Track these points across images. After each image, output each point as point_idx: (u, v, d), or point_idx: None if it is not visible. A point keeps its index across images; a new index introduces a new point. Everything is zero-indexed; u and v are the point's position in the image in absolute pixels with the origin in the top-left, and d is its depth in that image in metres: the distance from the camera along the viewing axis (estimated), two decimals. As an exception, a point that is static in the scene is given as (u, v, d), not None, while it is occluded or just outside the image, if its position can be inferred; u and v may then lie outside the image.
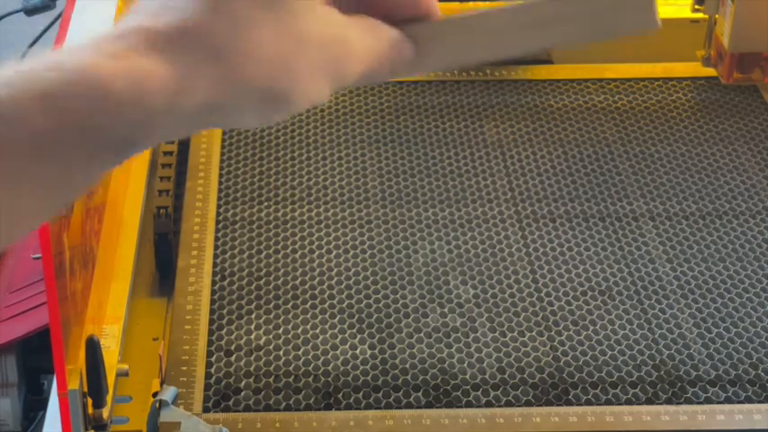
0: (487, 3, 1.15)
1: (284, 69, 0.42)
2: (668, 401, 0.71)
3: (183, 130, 0.43)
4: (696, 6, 1.05)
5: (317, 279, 0.81)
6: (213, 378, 0.72)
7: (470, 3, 1.15)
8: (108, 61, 0.39)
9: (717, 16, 1.03)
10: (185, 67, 0.40)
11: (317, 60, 0.43)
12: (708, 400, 0.71)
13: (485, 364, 0.73)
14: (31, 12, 1.18)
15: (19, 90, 0.38)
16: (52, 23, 1.22)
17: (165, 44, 0.40)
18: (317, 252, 0.83)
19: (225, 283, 0.80)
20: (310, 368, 0.73)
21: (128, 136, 0.41)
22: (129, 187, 0.88)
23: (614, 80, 1.05)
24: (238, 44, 0.41)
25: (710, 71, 1.05)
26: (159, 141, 0.43)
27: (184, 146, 0.94)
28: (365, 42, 0.45)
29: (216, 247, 0.83)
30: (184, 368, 0.73)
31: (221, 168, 0.92)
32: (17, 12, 1.22)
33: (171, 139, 0.42)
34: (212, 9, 0.41)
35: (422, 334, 0.75)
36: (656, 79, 1.05)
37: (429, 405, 0.70)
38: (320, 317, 0.77)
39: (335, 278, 0.81)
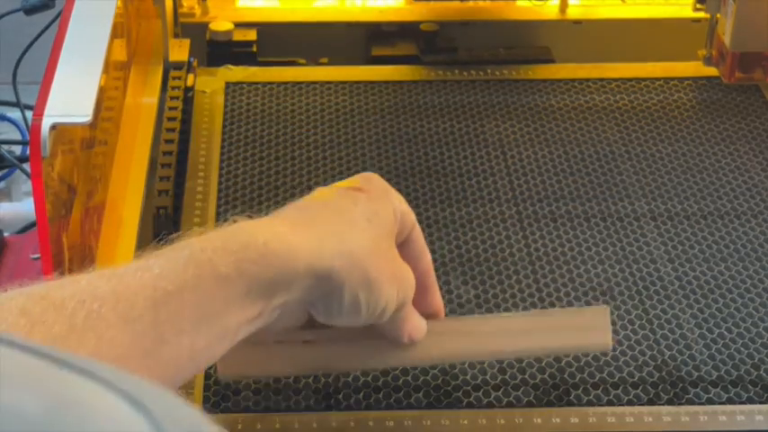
0: (487, 1, 1.15)
1: (377, 264, 0.59)
2: (670, 402, 0.70)
3: (308, 295, 0.58)
4: (697, 6, 1.05)
5: (318, 279, 0.80)
6: (213, 378, 0.72)
7: (470, 2, 1.15)
8: (266, 229, 0.57)
9: (718, 15, 1.03)
10: (318, 239, 0.57)
11: (392, 271, 0.60)
12: (710, 401, 0.70)
13: (486, 365, 0.73)
14: (30, 11, 1.18)
15: (209, 244, 0.55)
16: (51, 23, 1.22)
17: (304, 227, 0.58)
18: (318, 252, 0.83)
19: (225, 283, 0.80)
20: (310, 369, 0.73)
21: (274, 286, 0.56)
22: (128, 187, 0.87)
23: (615, 80, 1.05)
24: (351, 232, 0.59)
25: (712, 71, 1.05)
26: (291, 302, 0.57)
27: (184, 146, 0.94)
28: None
29: (216, 248, 0.83)
30: (184, 369, 0.72)
31: (221, 169, 0.92)
32: (16, 11, 1.22)
33: (297, 302, 0.59)
34: (334, 213, 0.60)
35: (422, 334, 0.75)
36: (658, 79, 1.05)
37: (430, 406, 0.70)
38: (320, 317, 0.77)
39: (336, 278, 0.80)
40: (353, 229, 0.60)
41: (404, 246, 0.65)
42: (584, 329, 0.68)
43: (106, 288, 0.51)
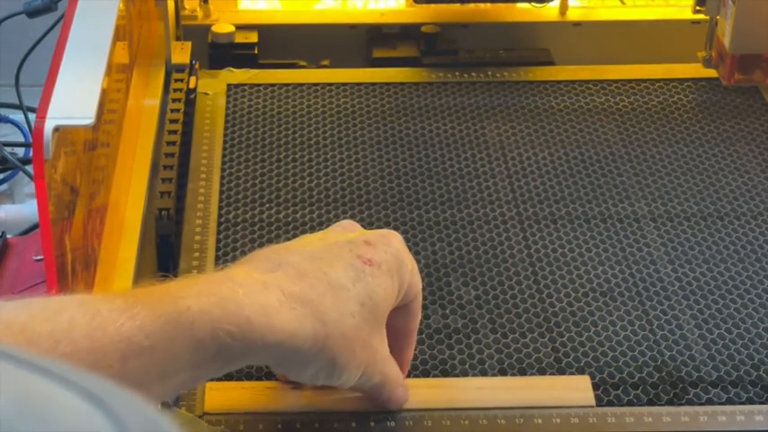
0: (488, 4, 1.16)
1: (350, 351, 0.60)
2: (670, 402, 0.71)
3: (272, 362, 0.62)
4: (697, 8, 1.05)
5: (319, 280, 0.80)
6: (215, 379, 0.72)
7: (471, 4, 1.15)
8: (256, 299, 0.58)
9: (718, 17, 1.04)
10: (301, 319, 0.59)
11: (362, 358, 0.62)
12: (709, 402, 0.71)
13: (486, 366, 0.73)
14: (32, 14, 1.18)
15: (196, 304, 0.56)
16: (54, 25, 1.22)
17: (294, 302, 0.59)
18: (319, 253, 0.83)
19: (226, 284, 0.80)
20: (312, 370, 0.73)
21: (244, 355, 0.57)
22: (130, 189, 0.88)
23: (615, 81, 1.05)
24: (337, 316, 0.60)
25: (712, 72, 1.05)
26: (242, 365, 0.62)
27: (186, 148, 0.94)
28: (388, 371, 0.65)
29: (218, 249, 0.83)
30: (186, 370, 0.72)
31: (223, 170, 0.92)
32: (19, 14, 1.22)
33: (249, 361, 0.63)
34: (329, 290, 0.61)
35: (423, 335, 0.75)
36: (657, 80, 1.05)
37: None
38: (322, 318, 0.77)
39: (337, 280, 0.80)
40: (341, 313, 0.60)
41: (400, 309, 0.66)
42: (566, 389, 0.70)
43: (83, 332, 0.52)
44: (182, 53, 1.05)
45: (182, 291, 0.57)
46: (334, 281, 0.61)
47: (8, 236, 0.96)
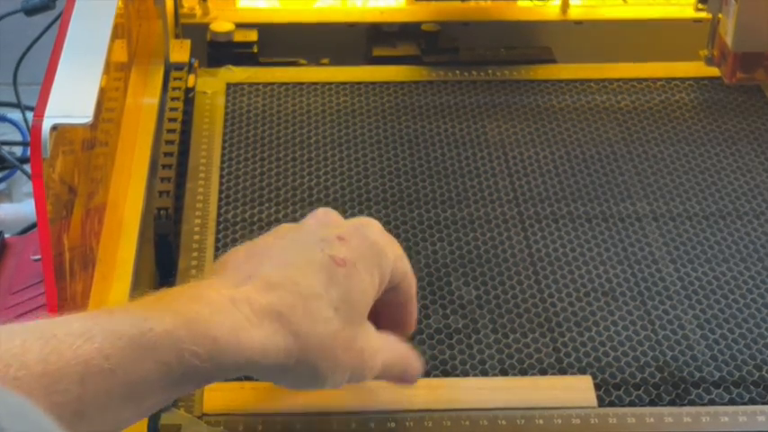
0: (489, 1, 1.15)
1: (331, 357, 0.60)
2: (672, 403, 0.70)
3: (246, 374, 0.62)
4: (699, 6, 1.05)
5: (319, 280, 0.80)
6: (214, 380, 0.71)
7: (471, 2, 1.15)
8: (225, 318, 0.56)
9: (720, 16, 1.03)
10: (271, 335, 0.57)
11: (346, 360, 0.60)
12: (712, 402, 0.70)
13: (487, 366, 0.73)
14: (30, 12, 1.18)
15: (160, 324, 0.54)
16: (52, 24, 1.22)
17: (264, 316, 0.57)
18: (319, 253, 0.82)
19: (226, 284, 0.80)
20: (312, 370, 0.72)
21: (213, 375, 0.56)
22: (129, 188, 0.87)
23: (617, 80, 1.05)
24: (311, 325, 0.58)
25: (714, 71, 1.05)
26: (217, 381, 0.58)
27: (185, 146, 0.94)
28: (385, 359, 0.64)
29: (217, 249, 0.83)
30: (185, 370, 0.72)
31: (222, 169, 0.92)
32: (17, 12, 1.22)
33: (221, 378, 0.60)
34: (300, 299, 0.59)
35: (423, 335, 0.75)
36: (659, 79, 1.05)
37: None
38: (322, 318, 0.77)
39: (337, 279, 0.80)
40: (315, 321, 0.59)
41: (391, 291, 0.65)
42: (567, 389, 0.70)
43: (37, 356, 0.49)
44: (181, 51, 1.05)
45: (145, 311, 0.54)
46: (306, 290, 0.59)
47: (6, 235, 0.96)
